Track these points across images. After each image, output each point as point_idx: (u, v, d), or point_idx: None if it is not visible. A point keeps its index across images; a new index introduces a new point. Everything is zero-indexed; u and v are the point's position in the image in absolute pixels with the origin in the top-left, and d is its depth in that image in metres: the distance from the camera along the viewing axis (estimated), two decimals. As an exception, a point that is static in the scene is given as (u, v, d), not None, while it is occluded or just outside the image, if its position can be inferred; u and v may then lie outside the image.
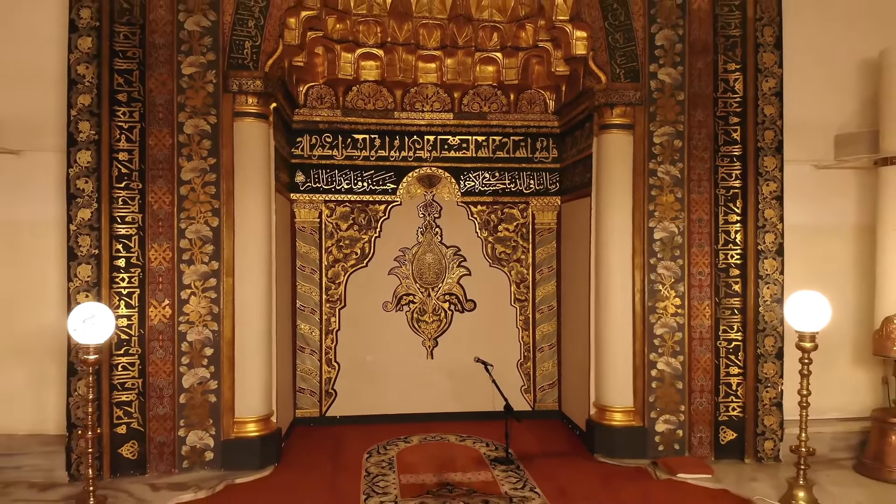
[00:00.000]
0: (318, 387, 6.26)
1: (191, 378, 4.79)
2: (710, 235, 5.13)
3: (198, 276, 4.79)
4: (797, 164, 5.36)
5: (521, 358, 6.50)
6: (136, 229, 4.70)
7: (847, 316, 5.39)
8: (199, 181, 4.79)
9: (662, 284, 5.12)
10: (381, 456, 5.26)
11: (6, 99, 4.83)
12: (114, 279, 4.66)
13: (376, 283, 6.38)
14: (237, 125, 4.88)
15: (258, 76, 4.85)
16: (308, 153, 6.23)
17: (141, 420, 4.73)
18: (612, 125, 5.19)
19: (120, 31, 4.70)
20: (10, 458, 4.72)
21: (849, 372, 5.49)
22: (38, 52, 4.89)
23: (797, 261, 5.27)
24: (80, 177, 4.61)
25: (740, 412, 5.12)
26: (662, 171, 5.13)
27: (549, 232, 6.52)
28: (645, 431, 5.12)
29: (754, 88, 5.10)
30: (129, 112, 4.70)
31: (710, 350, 5.13)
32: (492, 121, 6.42)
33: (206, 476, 4.69)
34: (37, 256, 4.93)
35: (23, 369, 4.94)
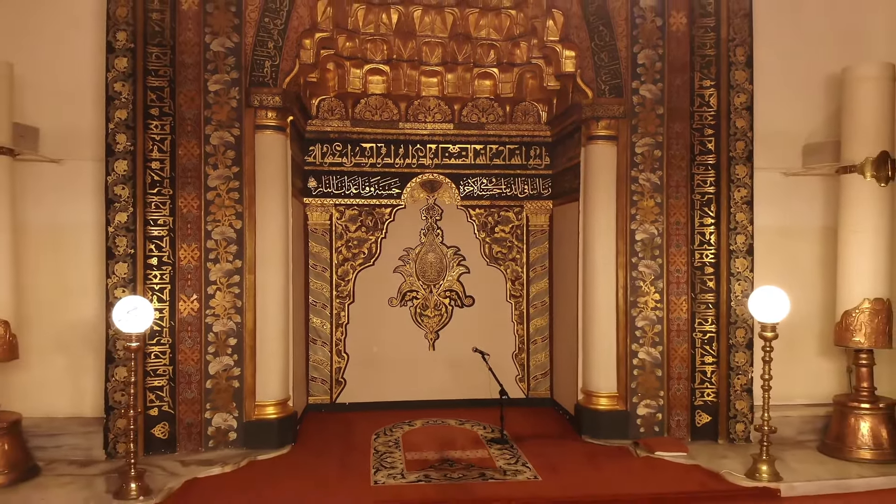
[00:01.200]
0: (328, 376, 6.71)
1: (216, 365, 5.23)
2: (686, 237, 5.57)
3: (223, 274, 5.24)
4: (768, 172, 5.79)
5: (516, 349, 6.95)
6: (167, 231, 5.15)
7: (813, 311, 5.82)
8: (224, 187, 5.23)
9: (643, 281, 5.57)
10: (387, 437, 5.71)
11: (49, 113, 5.25)
12: (147, 276, 5.10)
13: (382, 281, 6.83)
14: (258, 137, 5.32)
15: (277, 93, 5.30)
16: (320, 161, 6.68)
17: (171, 403, 5.17)
18: (598, 136, 5.65)
19: (152, 52, 5.14)
20: (52, 438, 5.12)
21: (815, 362, 5.91)
22: (78, 71, 5.31)
23: (767, 260, 5.70)
24: (118, 184, 5.06)
25: (714, 397, 5.56)
26: (643, 179, 5.57)
27: (541, 233, 6.97)
28: (627, 415, 5.57)
29: (727, 103, 5.54)
30: (160, 125, 5.14)
31: (687, 341, 5.57)
32: (489, 131, 6.87)
33: (231, 454, 5.14)
34: (76, 256, 5.35)
35: (62, 358, 5.35)
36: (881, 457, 5.09)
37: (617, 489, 4.53)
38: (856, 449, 5.16)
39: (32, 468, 4.77)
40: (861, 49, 5.82)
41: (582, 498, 4.39)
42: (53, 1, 5.26)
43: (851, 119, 5.38)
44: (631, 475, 4.82)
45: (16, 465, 4.66)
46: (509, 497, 4.38)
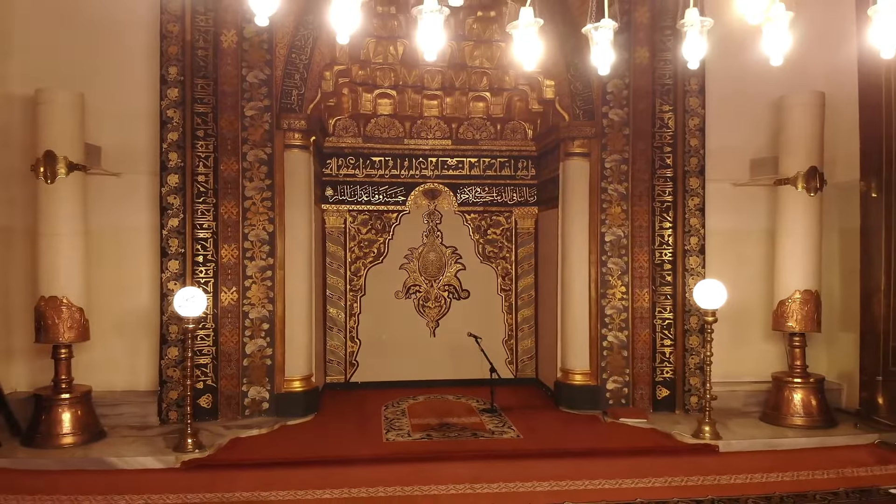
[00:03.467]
0: (343, 358, 7.58)
1: (252, 346, 6.10)
2: (648, 238, 6.43)
3: (257, 269, 6.10)
4: (719, 183, 6.64)
5: (506, 336, 7.82)
6: (211, 234, 6.01)
7: (758, 302, 6.65)
8: (258, 197, 6.09)
9: (612, 276, 6.43)
10: (395, 408, 6.58)
11: (111, 134, 6.08)
12: (195, 271, 5.97)
13: (389, 276, 7.70)
14: (286, 154, 6.19)
15: (302, 118, 6.17)
16: (336, 172, 7.55)
17: (214, 378, 6.04)
18: (574, 153, 6.52)
19: (198, 83, 6.01)
20: (113, 407, 5.97)
21: (759, 345, 6.74)
22: (135, 98, 6.13)
23: (719, 258, 6.55)
24: (170, 194, 5.93)
25: (672, 374, 6.42)
26: (612, 189, 6.44)
27: (528, 235, 7.85)
28: (598, 389, 6.43)
29: (683, 125, 6.40)
30: (205, 145, 6.00)
31: (649, 326, 6.43)
32: (482, 146, 7.74)
33: (264, 420, 6.00)
34: (133, 254, 6.19)
35: (120, 341, 6.19)
36: (810, 423, 5.94)
37: (584, 445, 5.42)
38: (789, 416, 6.01)
39: (100, 431, 5.62)
40: (801, 79, 6.64)
41: (555, 450, 5.28)
42: (115, 40, 6.08)
43: (787, 139, 6.24)
44: (597, 435, 5.70)
45: (87, 428, 5.52)
46: (495, 449, 5.26)
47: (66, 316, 5.43)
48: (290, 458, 5.06)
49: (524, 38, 2.86)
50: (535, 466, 4.87)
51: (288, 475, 4.71)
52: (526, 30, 2.82)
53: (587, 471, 4.76)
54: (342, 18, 2.48)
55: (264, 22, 2.34)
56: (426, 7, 2.57)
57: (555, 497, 4.31)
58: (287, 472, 4.77)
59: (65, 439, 5.35)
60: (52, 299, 5.41)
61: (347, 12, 2.44)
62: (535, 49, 2.94)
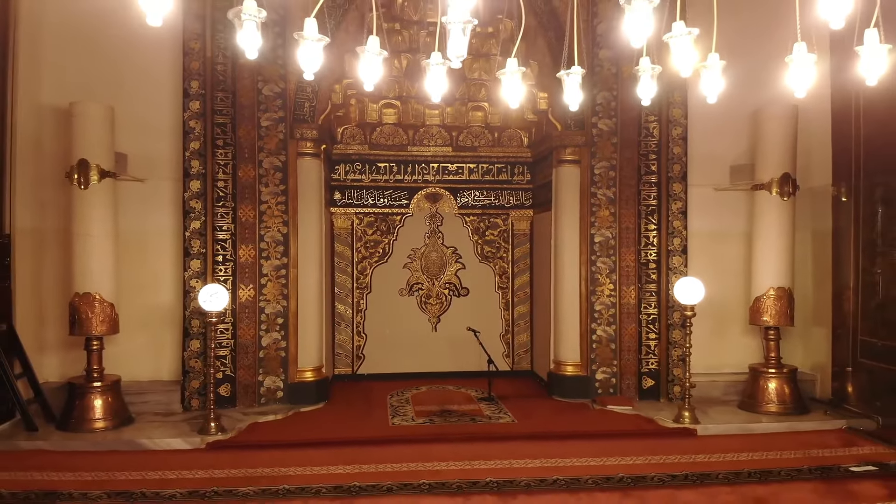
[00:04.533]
0: (350, 352, 8.03)
1: (267, 339, 6.54)
2: (634, 239, 6.87)
3: (272, 268, 6.54)
4: (701, 188, 7.06)
5: (503, 331, 8.27)
6: (230, 235, 6.45)
7: (737, 298, 7.05)
8: (274, 201, 6.54)
9: (601, 274, 6.87)
10: (399, 397, 7.03)
11: (137, 142, 6.49)
12: (215, 270, 6.41)
13: (394, 275, 8.15)
14: (299, 162, 6.63)
15: (314, 128, 6.62)
16: (344, 177, 8.00)
17: (232, 368, 6.48)
18: (566, 161, 6.96)
19: (217, 96, 6.45)
20: (139, 395, 6.39)
21: (738, 338, 7.15)
22: (159, 110, 6.56)
23: (700, 258, 6.98)
24: (193, 199, 6.37)
25: (656, 366, 6.86)
26: (601, 194, 6.88)
27: (523, 236, 8.29)
28: (588, 379, 6.87)
29: (667, 134, 6.84)
30: (224, 153, 6.45)
31: (635, 321, 6.87)
32: (481, 153, 8.19)
33: (279, 407, 6.44)
34: (157, 254, 6.63)
35: (145, 334, 6.63)
36: (784, 409, 6.37)
37: (573, 428, 5.86)
38: (764, 404, 6.44)
39: (129, 417, 6.06)
40: (778, 91, 7.04)
41: (546, 433, 5.72)
42: (141, 57, 6.50)
43: (762, 147, 6.67)
44: (586, 421, 6.15)
45: (117, 414, 5.96)
46: (492, 432, 5.71)
47: (99, 310, 5.87)
48: (304, 440, 5.51)
49: (510, 83, 3.38)
50: (527, 447, 5.31)
51: (303, 454, 5.16)
52: (512, 76, 3.31)
53: (574, 451, 5.20)
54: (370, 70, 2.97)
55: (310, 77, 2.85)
56: (433, 61, 3.20)
57: (545, 473, 4.74)
58: (302, 452, 5.21)
59: (97, 424, 5.79)
60: (85, 295, 5.85)
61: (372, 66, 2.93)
62: (519, 91, 3.55)
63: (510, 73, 3.34)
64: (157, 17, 2.46)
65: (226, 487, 4.52)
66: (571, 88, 3.64)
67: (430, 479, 4.59)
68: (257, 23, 2.54)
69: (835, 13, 2.54)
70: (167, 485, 4.60)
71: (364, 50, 2.99)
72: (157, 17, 2.46)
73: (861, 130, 6.43)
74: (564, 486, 4.50)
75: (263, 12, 2.50)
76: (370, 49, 2.99)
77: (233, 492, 4.45)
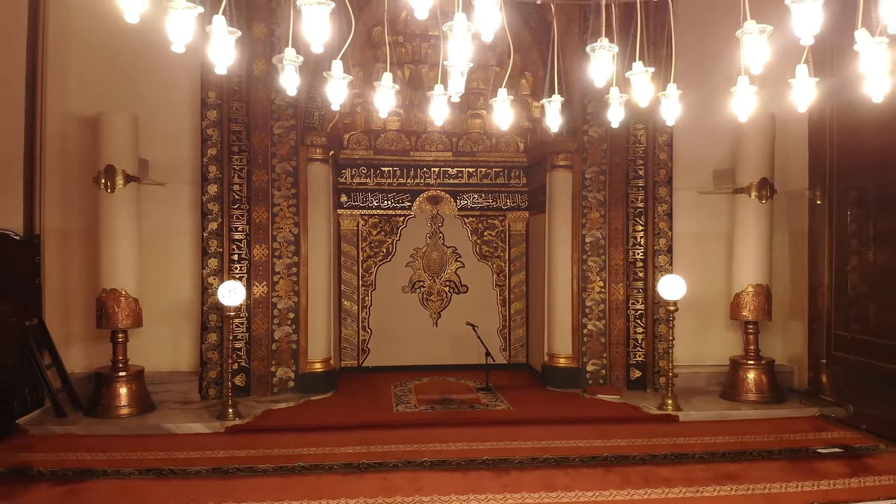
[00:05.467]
0: (356, 345, 8.46)
1: (279, 333, 6.96)
2: (623, 239, 7.29)
3: (284, 266, 6.96)
4: (686, 191, 7.48)
5: (501, 326, 8.70)
6: (245, 235, 6.87)
7: (720, 295, 7.44)
8: (285, 204, 6.96)
9: (591, 272, 7.30)
10: (403, 387, 7.46)
11: (159, 149, 6.89)
12: (231, 268, 6.83)
13: (397, 273, 8.58)
14: (309, 167, 7.05)
15: (323, 135, 7.04)
16: (350, 181, 8.43)
17: (247, 360, 6.90)
18: (559, 165, 7.39)
19: (233, 105, 6.87)
20: (161, 385, 6.79)
21: (721, 333, 7.55)
22: (178, 118, 6.99)
23: (685, 257, 7.39)
24: (210, 201, 6.79)
25: (643, 358, 7.28)
26: (591, 197, 7.30)
27: (520, 237, 8.73)
28: (579, 371, 7.30)
29: (653, 141, 7.26)
30: (240, 159, 6.86)
31: (623, 316, 7.30)
32: (479, 157, 8.61)
33: (290, 396, 6.86)
34: (177, 253, 7.04)
35: (165, 328, 7.03)
36: (761, 398, 6.79)
37: (564, 414, 6.30)
38: (743, 393, 6.87)
39: (151, 405, 6.48)
40: (759, 100, 7.50)
41: (539, 419, 6.15)
42: (162, 68, 6.83)
43: (742, 153, 7.09)
44: (576, 407, 6.58)
45: (141, 401, 6.38)
46: (489, 418, 6.14)
47: (124, 305, 6.30)
48: (316, 425, 5.94)
49: (501, 109, 3.87)
50: (521, 430, 5.74)
51: (315, 437, 5.59)
52: (502, 103, 3.79)
53: (564, 433, 5.62)
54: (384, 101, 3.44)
55: (336, 108, 3.29)
56: (436, 92, 3.91)
57: (536, 452, 5.17)
58: (314, 435, 5.64)
59: (122, 410, 6.22)
60: (112, 291, 6.28)
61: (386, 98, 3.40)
62: (508, 116, 4.18)
63: (500, 102, 3.81)
64: (181, 45, 2.86)
65: (246, 465, 4.95)
66: (552, 114, 4.14)
67: (431, 458, 5.02)
68: (296, 66, 2.98)
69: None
70: (192, 463, 5.03)
71: (380, 85, 3.47)
72: (181, 45, 2.86)
73: (835, 139, 6.86)
74: (553, 463, 4.93)
75: (300, 58, 2.95)
76: (385, 84, 3.49)
77: (253, 469, 4.88)
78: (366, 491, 4.37)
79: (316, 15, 2.68)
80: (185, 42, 2.91)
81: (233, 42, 2.90)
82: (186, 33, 2.86)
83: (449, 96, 3.62)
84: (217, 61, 2.90)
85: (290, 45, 3.05)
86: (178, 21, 2.60)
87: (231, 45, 2.90)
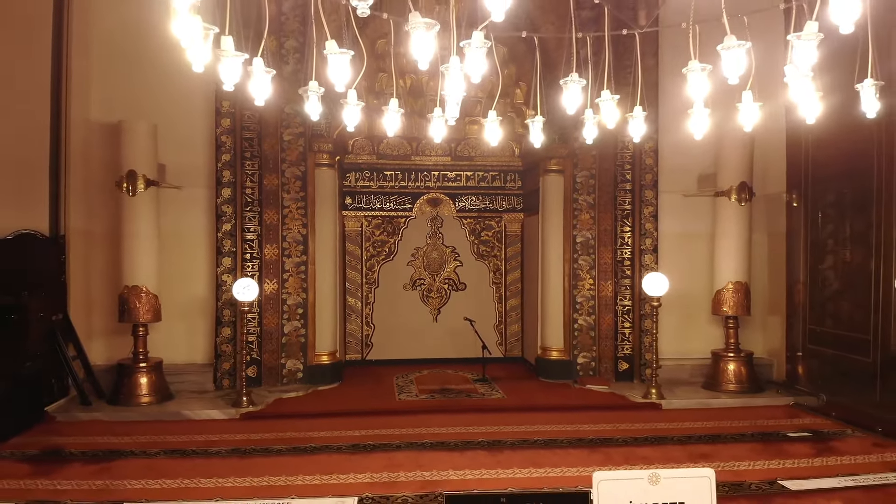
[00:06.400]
0: (360, 340, 8.90)
1: (289, 327, 7.39)
2: (611, 240, 7.73)
3: (293, 265, 7.40)
4: (671, 194, 7.90)
5: (497, 322, 9.14)
6: (256, 236, 7.30)
7: (703, 292, 7.85)
8: (294, 206, 7.39)
9: (582, 271, 7.73)
10: (404, 378, 7.90)
11: (175, 155, 7.30)
12: (244, 266, 7.26)
13: (399, 271, 9.02)
14: (316, 172, 7.49)
15: (329, 142, 7.48)
16: (354, 184, 8.87)
17: (259, 352, 7.33)
18: (551, 170, 7.83)
19: (245, 114, 7.29)
20: (177, 376, 7.20)
21: (704, 327, 7.97)
22: (193, 126, 7.41)
23: (670, 256, 7.81)
24: (224, 204, 7.22)
25: (631, 351, 7.72)
26: (582, 199, 7.73)
27: (515, 237, 9.17)
28: (570, 363, 7.73)
29: (640, 147, 7.68)
30: (252, 164, 7.30)
31: (612, 312, 7.73)
32: (477, 161, 9.05)
33: (299, 386, 7.29)
34: (192, 252, 7.46)
35: (182, 323, 7.45)
36: (740, 388, 7.21)
37: (555, 402, 6.74)
38: (724, 384, 7.29)
39: (169, 394, 6.90)
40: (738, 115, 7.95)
41: (531, 406, 6.60)
42: (178, 78, 7.19)
43: (722, 161, 7.52)
44: (567, 396, 7.03)
45: (160, 391, 6.81)
46: (485, 405, 6.58)
47: (145, 301, 6.73)
48: (324, 411, 6.38)
49: (492, 127, 4.54)
50: (515, 416, 6.17)
51: (324, 422, 6.01)
52: (492, 123, 4.26)
53: (554, 419, 6.06)
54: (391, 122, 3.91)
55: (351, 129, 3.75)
56: (435, 115, 4.37)
57: (528, 435, 5.61)
58: (323, 420, 6.07)
59: (143, 399, 6.65)
60: (133, 287, 6.71)
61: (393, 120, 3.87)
62: (497, 134, 4.80)
63: (490, 122, 4.29)
64: (200, 66, 3.28)
65: (261, 446, 5.38)
66: (535, 132, 4.67)
67: (431, 440, 5.46)
68: (318, 95, 3.43)
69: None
70: (212, 445, 5.46)
71: (388, 109, 3.95)
72: (201, 65, 3.28)
73: (810, 147, 7.30)
74: (542, 444, 5.37)
75: (322, 89, 3.43)
76: (392, 108, 3.97)
77: (268, 449, 5.31)
78: (372, 467, 4.80)
79: (339, 61, 3.16)
80: (205, 63, 3.35)
81: (269, 80, 3.36)
82: (234, 74, 3.31)
83: (446, 119, 4.01)
84: (256, 96, 3.38)
85: (313, 79, 3.49)
86: (228, 66, 3.05)
87: (268, 82, 3.35)
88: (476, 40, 3.16)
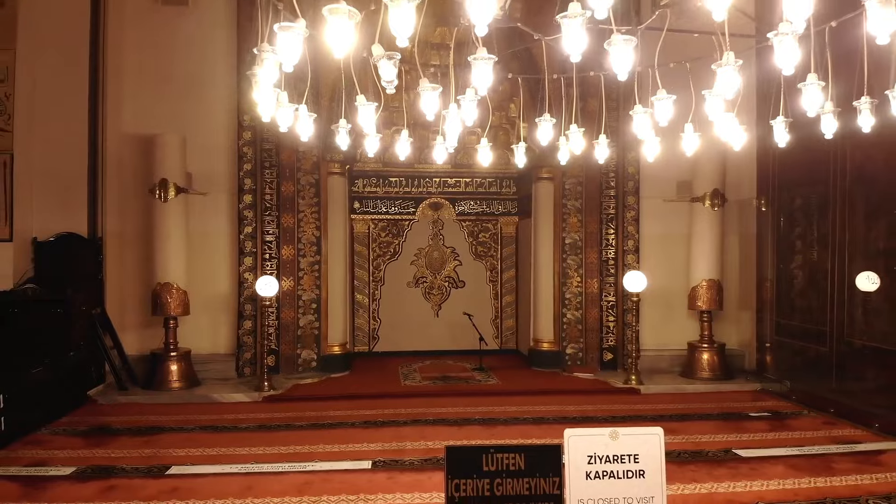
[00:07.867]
0: (367, 333, 9.61)
1: (304, 320, 8.10)
2: (597, 241, 8.43)
3: (308, 264, 8.10)
4: (652, 200, 8.58)
5: (493, 316, 9.85)
6: (274, 238, 8.00)
7: (680, 289, 8.51)
8: (309, 211, 8.09)
9: (570, 269, 8.43)
10: (408, 368, 8.61)
11: (201, 163, 7.97)
12: (263, 265, 7.96)
13: (403, 270, 9.73)
14: (329, 179, 8.19)
15: (341, 152, 8.17)
16: (362, 189, 9.57)
17: (276, 343, 8.02)
18: (543, 178, 8.54)
19: (265, 126, 7.97)
20: (203, 364, 7.88)
21: (682, 321, 8.63)
22: (217, 137, 8.11)
23: (651, 256, 8.51)
24: (246, 209, 7.93)
25: (614, 342, 8.42)
26: (570, 204, 8.44)
27: (510, 239, 9.88)
28: (560, 353, 8.43)
29: (623, 157, 8.39)
30: (270, 172, 7.99)
31: (597, 307, 8.43)
32: (475, 169, 9.74)
33: (314, 374, 7.99)
34: (216, 252, 8.15)
35: (206, 316, 8.13)
36: (713, 376, 7.91)
37: (544, 387, 7.45)
38: (699, 371, 7.99)
39: (197, 380, 7.59)
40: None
41: (523, 390, 7.31)
42: (204, 93, 8.01)
43: (698, 169, 8.21)
44: (555, 382, 7.74)
45: (189, 378, 7.51)
46: (482, 389, 7.29)
47: (176, 296, 7.44)
48: (338, 394, 7.10)
49: (483, 152, 5.11)
50: (508, 399, 6.88)
51: (338, 403, 6.74)
52: (484, 147, 5.00)
53: (543, 401, 6.77)
54: (403, 148, 4.63)
55: (371, 155, 4.46)
56: (437, 143, 5.12)
57: (519, 414, 6.31)
58: (337, 402, 6.79)
59: (174, 384, 7.35)
60: (165, 284, 7.42)
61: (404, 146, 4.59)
62: (489, 157, 5.81)
63: (483, 147, 5.02)
64: (284, 126, 4.02)
65: (284, 423, 6.09)
66: (519, 156, 5.72)
67: (434, 418, 6.17)
68: (347, 130, 4.16)
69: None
70: (241, 422, 6.17)
71: (400, 138, 4.71)
72: (285, 125, 4.02)
73: (777, 156, 7.99)
74: (532, 421, 6.08)
75: (350, 125, 4.19)
76: (403, 139, 4.72)
77: (290, 425, 6.02)
78: (383, 439, 5.51)
79: (367, 111, 3.93)
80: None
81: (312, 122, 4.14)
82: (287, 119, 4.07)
83: (446, 147, 4.71)
84: (301, 133, 4.12)
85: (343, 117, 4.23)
86: (285, 114, 3.80)
87: (311, 125, 4.13)
88: (469, 95, 3.88)
